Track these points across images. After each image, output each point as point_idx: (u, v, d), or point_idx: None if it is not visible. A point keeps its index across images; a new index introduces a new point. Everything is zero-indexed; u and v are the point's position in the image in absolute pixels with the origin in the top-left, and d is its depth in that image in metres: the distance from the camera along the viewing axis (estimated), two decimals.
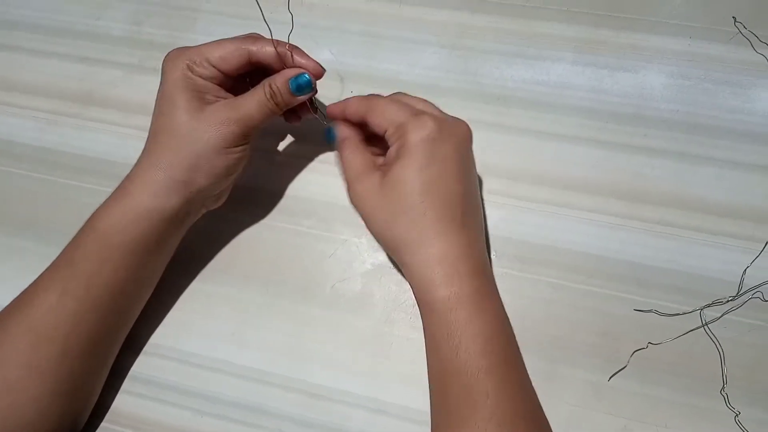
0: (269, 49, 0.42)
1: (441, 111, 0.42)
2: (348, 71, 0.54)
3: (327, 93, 0.53)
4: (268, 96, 0.42)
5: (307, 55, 0.43)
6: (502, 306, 0.41)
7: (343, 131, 0.43)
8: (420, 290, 0.39)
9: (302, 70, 0.42)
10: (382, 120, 0.40)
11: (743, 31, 0.51)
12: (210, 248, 0.50)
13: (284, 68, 0.43)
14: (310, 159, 0.52)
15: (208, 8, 0.58)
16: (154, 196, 0.41)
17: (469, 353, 0.37)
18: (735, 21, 0.52)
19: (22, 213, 0.53)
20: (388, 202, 0.39)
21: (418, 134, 0.38)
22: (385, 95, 0.43)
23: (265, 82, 0.42)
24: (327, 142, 0.44)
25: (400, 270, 0.47)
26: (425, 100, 0.43)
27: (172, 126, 0.41)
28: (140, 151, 0.42)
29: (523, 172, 0.50)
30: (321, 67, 0.43)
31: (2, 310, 0.41)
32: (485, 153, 0.50)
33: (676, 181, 0.48)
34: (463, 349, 0.37)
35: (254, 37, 0.43)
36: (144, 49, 0.57)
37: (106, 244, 0.41)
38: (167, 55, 0.42)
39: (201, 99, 0.41)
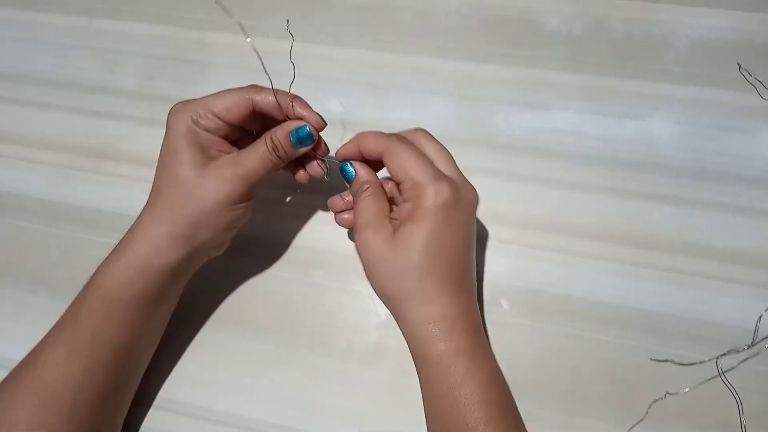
0: (272, 99, 0.42)
1: (457, 167, 0.43)
2: (357, 122, 0.55)
3: (336, 144, 0.53)
4: (270, 149, 0.42)
5: (309, 107, 0.43)
6: (496, 362, 0.42)
7: (363, 174, 0.43)
8: (419, 345, 0.40)
9: (303, 123, 0.42)
10: (399, 171, 0.40)
11: (748, 77, 0.52)
12: (222, 299, 0.50)
13: (286, 118, 0.43)
14: (321, 209, 0.52)
15: (219, 61, 0.59)
16: (157, 251, 0.41)
17: (468, 405, 0.38)
18: (740, 68, 0.52)
19: (34, 267, 0.53)
20: (395, 257, 0.40)
21: (436, 200, 0.39)
22: (406, 134, 0.43)
23: (267, 135, 0.42)
24: (345, 178, 0.44)
25: None
26: (445, 151, 0.43)
27: (175, 181, 0.41)
28: None
29: (534, 220, 0.50)
30: (322, 120, 0.43)
31: (10, 372, 0.41)
32: (495, 201, 0.50)
33: (686, 228, 0.49)
34: (462, 401, 0.38)
35: (257, 87, 0.43)
36: (156, 103, 0.58)
37: (109, 300, 0.41)
38: (172, 108, 0.42)
39: (205, 154, 0.42)
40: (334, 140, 0.52)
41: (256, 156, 0.42)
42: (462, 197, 0.40)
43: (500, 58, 0.56)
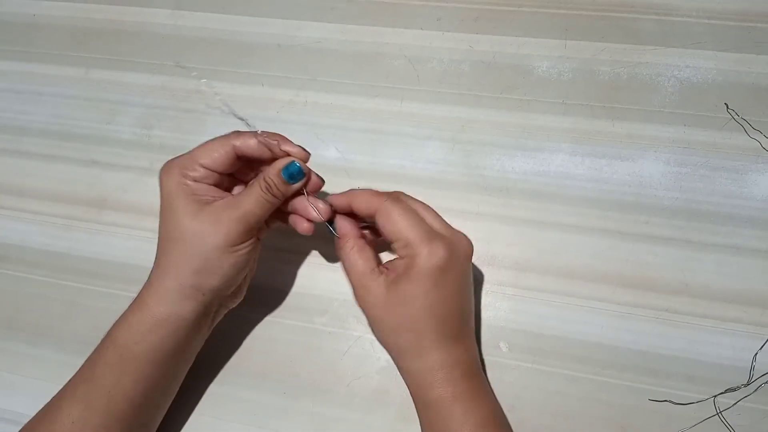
0: (252, 142, 0.43)
1: (444, 221, 0.44)
2: (353, 167, 0.56)
3: (335, 189, 0.54)
4: (264, 189, 0.42)
5: (290, 141, 0.44)
6: (494, 403, 0.44)
7: (344, 227, 0.44)
8: (417, 391, 0.42)
9: (291, 159, 0.43)
10: (393, 231, 0.41)
11: (736, 117, 0.53)
12: (226, 349, 0.50)
13: (272, 159, 0.43)
14: (321, 256, 0.53)
15: (216, 110, 0.60)
16: (168, 304, 0.42)
17: None
18: (727, 107, 0.53)
19: (36, 319, 0.53)
20: (391, 315, 0.42)
21: (430, 261, 0.40)
22: (391, 195, 0.44)
23: (260, 176, 0.43)
24: (330, 234, 0.45)
25: None
26: (429, 208, 0.44)
27: (175, 233, 0.42)
28: (154, 254, 0.43)
29: (530, 263, 0.51)
30: (305, 150, 0.44)
31: (24, 428, 0.41)
32: (491, 244, 0.51)
33: (681, 269, 0.49)
34: None
35: (238, 132, 0.44)
36: (154, 152, 0.59)
37: (125, 356, 0.41)
38: (162, 168, 0.43)
39: (199, 201, 0.42)
40: (334, 188, 0.53)
41: (252, 197, 0.42)
42: (456, 253, 0.41)
43: (492, 102, 0.57)
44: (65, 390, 0.42)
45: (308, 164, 0.44)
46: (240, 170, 0.46)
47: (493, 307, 0.50)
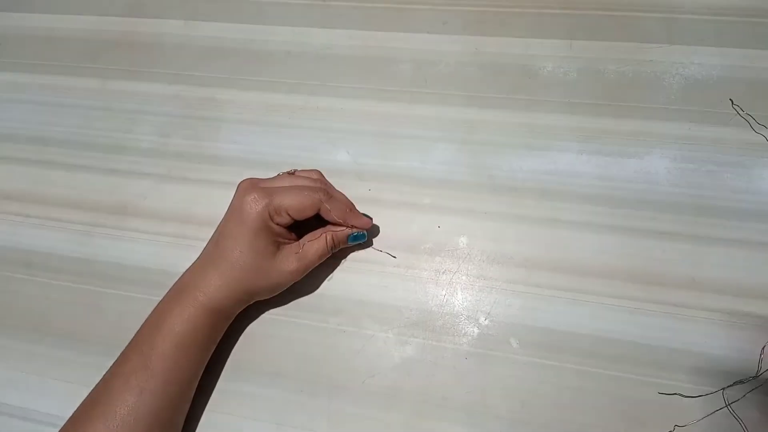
0: (334, 216, 0.49)
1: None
2: (365, 170, 0.57)
3: (348, 192, 0.55)
4: (329, 247, 0.51)
5: (359, 216, 0.51)
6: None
7: None
8: None
9: (362, 230, 0.52)
10: None
11: (741, 113, 0.53)
12: (245, 349, 0.52)
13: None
14: (335, 258, 0.54)
15: (231, 117, 0.61)
16: (223, 308, 0.48)
17: None
18: (732, 103, 0.54)
19: (62, 324, 0.55)
20: None
21: None
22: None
23: (328, 234, 0.51)
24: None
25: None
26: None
27: (248, 264, 0.47)
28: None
29: (540, 261, 0.52)
30: (370, 220, 0.52)
31: (78, 413, 0.44)
32: (501, 243, 0.52)
33: (689, 263, 0.50)
34: None
35: (327, 193, 0.49)
36: (172, 160, 0.60)
37: (182, 345, 0.46)
38: (250, 194, 0.47)
39: (275, 243, 0.48)
40: (347, 191, 0.54)
41: (318, 251, 0.50)
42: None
43: (499, 103, 0.58)
44: (117, 379, 0.45)
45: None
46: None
47: (503, 304, 0.51)
